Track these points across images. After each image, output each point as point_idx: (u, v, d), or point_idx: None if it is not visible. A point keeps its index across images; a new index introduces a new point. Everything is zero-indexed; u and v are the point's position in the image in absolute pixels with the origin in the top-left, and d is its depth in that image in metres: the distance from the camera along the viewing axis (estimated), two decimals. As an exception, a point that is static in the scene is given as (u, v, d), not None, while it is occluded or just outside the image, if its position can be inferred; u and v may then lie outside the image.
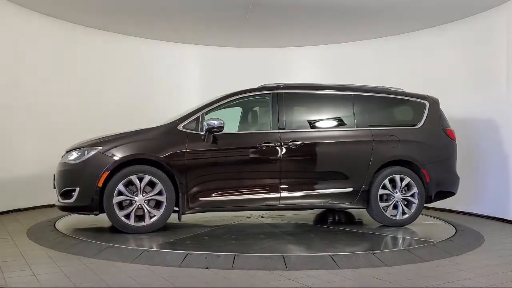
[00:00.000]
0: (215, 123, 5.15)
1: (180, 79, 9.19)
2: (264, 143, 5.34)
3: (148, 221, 5.02)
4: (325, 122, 5.91)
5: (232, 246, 4.55)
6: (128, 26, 8.08)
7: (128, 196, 5.00)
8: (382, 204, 5.59)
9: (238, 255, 4.10)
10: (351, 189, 5.54)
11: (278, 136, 5.41)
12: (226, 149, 5.31)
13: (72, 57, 7.91)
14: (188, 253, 4.15)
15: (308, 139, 5.50)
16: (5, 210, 6.79)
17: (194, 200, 5.18)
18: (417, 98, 6.07)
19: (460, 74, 7.34)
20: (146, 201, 5.03)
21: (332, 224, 6.15)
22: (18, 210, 7.00)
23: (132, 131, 5.35)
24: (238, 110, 6.15)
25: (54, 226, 5.43)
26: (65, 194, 5.10)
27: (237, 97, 5.59)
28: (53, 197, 6.05)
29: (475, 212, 7.04)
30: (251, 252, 4.25)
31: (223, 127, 5.17)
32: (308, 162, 5.53)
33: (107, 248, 4.37)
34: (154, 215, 5.04)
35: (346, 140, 5.63)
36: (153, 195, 5.04)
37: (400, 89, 6.14)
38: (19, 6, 7.00)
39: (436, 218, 6.58)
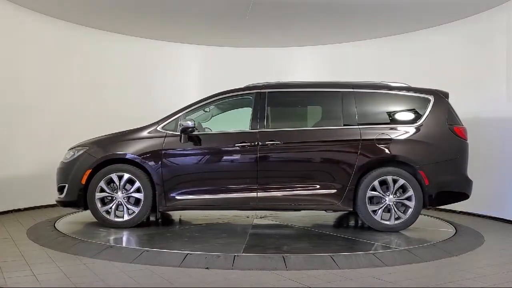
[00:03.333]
0: (189, 123, 5.28)
1: (180, 79, 9.19)
2: (240, 143, 5.33)
3: (126, 217, 5.31)
4: (308, 121, 5.79)
5: (182, 243, 4.64)
6: (128, 26, 8.08)
7: (109, 193, 5.34)
8: (371, 207, 5.26)
9: (238, 255, 4.11)
10: (335, 190, 5.27)
11: (256, 136, 5.35)
12: (201, 149, 5.38)
13: (72, 57, 7.91)
14: (188, 253, 4.15)
15: (287, 139, 5.35)
16: (5, 210, 6.79)
17: (170, 198, 5.32)
18: (420, 93, 5.62)
19: (460, 74, 7.33)
20: (126, 198, 5.32)
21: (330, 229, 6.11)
22: (18, 210, 7.00)
23: (118, 132, 5.68)
24: (236, 111, 6.14)
25: (54, 226, 5.43)
26: (60, 190, 5.56)
27: (220, 97, 5.65)
28: (53, 197, 6.12)
29: (475, 212, 7.05)
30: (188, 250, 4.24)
31: (195, 127, 5.30)
32: (287, 162, 5.39)
33: (107, 248, 4.37)
34: (133, 212, 5.31)
35: (329, 140, 5.37)
36: (131, 193, 5.33)
37: (405, 84, 5.77)
38: (19, 6, 7.00)
39: (436, 218, 6.58)
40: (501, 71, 6.70)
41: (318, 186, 5.31)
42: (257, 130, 5.37)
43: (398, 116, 5.65)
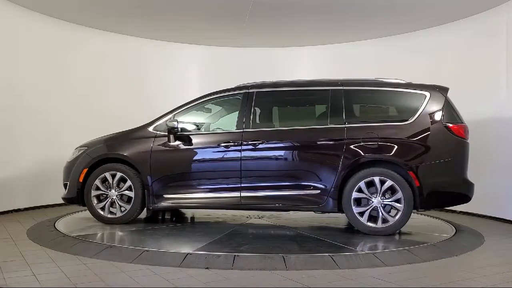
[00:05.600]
0: (174, 124, 5.40)
1: (180, 79, 9.19)
2: (225, 143, 5.36)
3: (119, 214, 5.54)
4: (293, 120, 5.74)
5: (147, 240, 4.78)
6: (127, 26, 8.08)
7: (103, 191, 5.58)
8: (357, 209, 5.06)
9: (238, 255, 4.11)
10: (318, 191, 5.14)
11: (240, 136, 5.36)
12: (188, 149, 5.48)
13: (72, 57, 7.91)
14: (188, 253, 4.16)
15: (270, 138, 5.32)
16: (5, 210, 6.79)
17: (159, 196, 5.48)
18: (415, 89, 5.34)
19: (460, 74, 7.32)
20: (119, 196, 5.54)
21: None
22: (18, 210, 7.00)
23: (115, 133, 5.90)
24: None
25: (54, 226, 5.44)
26: (64, 187, 5.86)
27: (210, 98, 5.72)
28: (53, 197, 6.12)
29: (475, 212, 7.05)
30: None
31: (178, 128, 5.42)
32: (270, 162, 5.34)
33: (107, 248, 4.37)
34: (125, 209, 5.52)
35: (313, 139, 5.25)
36: (123, 191, 5.54)
37: (402, 80, 5.54)
38: (18, 6, 7.00)
39: (436, 218, 6.57)
40: (501, 71, 6.70)
41: (301, 186, 5.21)
42: (241, 130, 5.39)
43: (389, 114, 5.49)
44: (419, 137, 5.11)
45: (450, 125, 5.15)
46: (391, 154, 5.08)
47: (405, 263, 4.15)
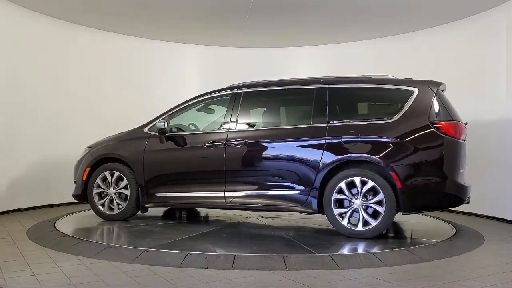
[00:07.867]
0: (162, 124, 5.55)
1: (180, 79, 9.19)
2: (210, 143, 5.42)
3: (117, 211, 5.77)
4: (277, 120, 5.73)
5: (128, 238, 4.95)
6: (128, 26, 8.08)
7: (103, 189, 5.83)
8: (337, 211, 4.91)
9: (238, 255, 4.11)
10: (298, 191, 5.08)
11: (225, 136, 5.41)
12: (176, 149, 5.61)
13: (72, 57, 7.91)
14: (188, 253, 4.15)
15: (253, 138, 5.32)
16: (5, 210, 6.79)
17: (151, 194, 5.67)
18: (402, 85, 5.12)
19: (460, 74, 7.32)
20: (117, 194, 5.77)
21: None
22: (18, 210, 7.00)
23: (117, 134, 6.12)
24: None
25: (54, 226, 5.44)
26: (74, 184, 6.11)
27: (203, 98, 5.82)
28: (53, 197, 6.08)
29: (475, 212, 7.05)
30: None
31: (166, 128, 5.57)
32: (252, 162, 5.35)
33: (107, 248, 4.37)
34: (122, 206, 5.76)
35: (293, 139, 5.18)
36: (120, 189, 5.76)
37: (391, 76, 5.34)
38: (19, 6, 7.00)
39: (436, 218, 6.57)
40: (501, 71, 6.69)
41: (283, 186, 5.17)
42: (226, 130, 5.45)
43: (372, 112, 5.37)
44: (402, 136, 4.85)
45: (439, 123, 4.87)
46: (372, 153, 4.88)
47: (405, 263, 4.15)
